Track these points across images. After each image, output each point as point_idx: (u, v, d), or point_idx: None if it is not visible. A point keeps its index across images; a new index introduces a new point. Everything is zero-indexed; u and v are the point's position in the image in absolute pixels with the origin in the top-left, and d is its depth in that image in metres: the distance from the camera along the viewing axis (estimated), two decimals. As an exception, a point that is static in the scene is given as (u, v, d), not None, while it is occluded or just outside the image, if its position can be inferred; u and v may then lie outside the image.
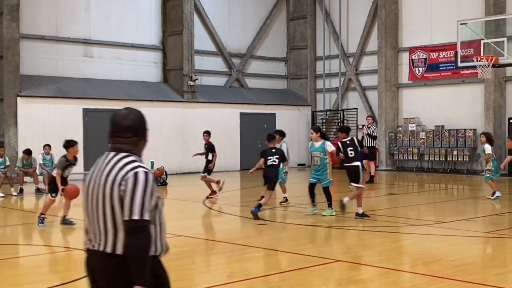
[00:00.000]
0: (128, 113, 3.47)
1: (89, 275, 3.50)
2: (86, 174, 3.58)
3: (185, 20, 23.48)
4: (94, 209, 3.40)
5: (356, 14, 26.31)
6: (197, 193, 17.20)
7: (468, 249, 9.44)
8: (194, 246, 9.71)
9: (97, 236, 3.38)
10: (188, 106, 23.53)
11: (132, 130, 3.45)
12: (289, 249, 9.29)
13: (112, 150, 3.46)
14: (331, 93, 27.52)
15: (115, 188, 3.30)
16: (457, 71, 22.24)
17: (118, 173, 3.33)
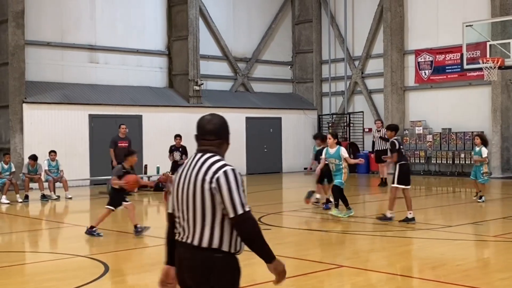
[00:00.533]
0: (211, 118, 3.83)
1: (177, 266, 3.76)
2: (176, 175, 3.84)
3: (190, 25, 23.49)
4: (185, 205, 3.67)
5: (362, 17, 26.25)
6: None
7: (474, 253, 9.36)
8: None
9: (187, 229, 3.66)
10: (193, 111, 23.42)
11: (216, 134, 3.79)
12: (293, 254, 9.22)
13: (199, 151, 3.77)
14: (337, 97, 27.45)
15: (206, 186, 3.59)
16: (464, 73, 22.15)
17: (207, 171, 3.61)
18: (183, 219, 3.69)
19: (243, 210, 3.57)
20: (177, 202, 3.73)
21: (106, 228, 11.93)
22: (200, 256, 3.60)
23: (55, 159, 17.53)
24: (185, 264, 3.67)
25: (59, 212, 15.54)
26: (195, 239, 3.61)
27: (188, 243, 3.63)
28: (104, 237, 11.18)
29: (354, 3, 26.56)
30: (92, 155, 21.01)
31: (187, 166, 3.75)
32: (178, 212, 3.72)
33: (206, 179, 3.59)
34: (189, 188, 3.65)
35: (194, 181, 3.63)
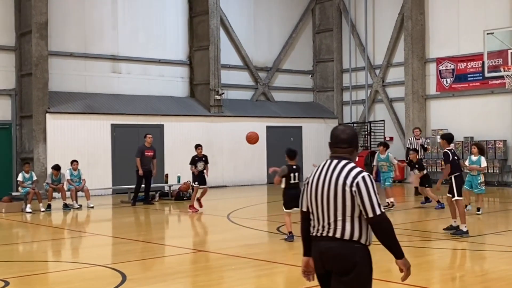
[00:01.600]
0: (345, 128, 4.35)
1: (317, 256, 4.21)
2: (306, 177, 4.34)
3: (211, 35, 23.66)
4: (325, 204, 4.16)
5: (382, 25, 26.20)
6: (222, 207, 17.23)
7: (495, 264, 9.24)
8: (215, 261, 9.65)
9: (327, 225, 4.15)
10: (214, 120, 23.65)
11: (349, 142, 4.28)
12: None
13: (334, 157, 4.27)
14: (358, 105, 27.39)
15: (347, 189, 4.10)
16: (486, 81, 21.98)
17: (347, 176, 4.12)
18: (323, 216, 4.18)
19: (380, 211, 4.09)
20: (315, 201, 4.21)
21: (127, 238, 12.05)
22: (345, 246, 4.10)
23: (77, 169, 17.73)
24: (330, 255, 4.13)
25: (81, 221, 15.70)
26: (337, 232, 4.11)
27: (330, 236, 4.12)
28: (124, 246, 11.28)
29: (374, 12, 26.53)
30: (114, 164, 21.20)
31: (324, 170, 4.23)
32: (317, 210, 4.21)
33: (347, 183, 4.10)
34: (330, 190, 4.14)
35: (335, 184, 4.13)
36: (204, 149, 23.00)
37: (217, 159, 23.55)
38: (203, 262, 9.56)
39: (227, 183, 23.89)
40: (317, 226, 4.22)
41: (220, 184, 23.64)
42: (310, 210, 4.26)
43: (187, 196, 19.00)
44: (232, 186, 23.82)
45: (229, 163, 23.94)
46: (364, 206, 4.09)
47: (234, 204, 17.59)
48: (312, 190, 4.24)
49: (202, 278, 8.53)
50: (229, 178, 23.95)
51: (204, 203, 18.61)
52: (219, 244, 11.18)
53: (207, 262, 9.59)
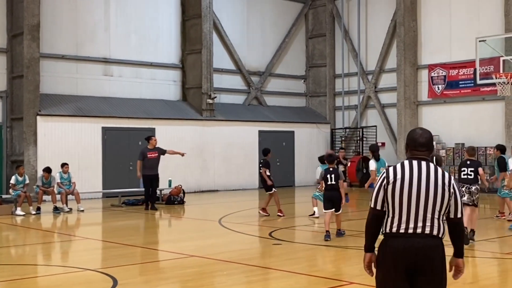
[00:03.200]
0: (422, 132, 4.56)
1: (400, 253, 4.33)
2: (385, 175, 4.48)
3: (204, 38, 23.62)
4: (421, 202, 4.33)
5: (375, 31, 26.26)
6: (214, 212, 17.15)
7: (486, 271, 9.25)
8: (205, 267, 9.56)
9: (421, 222, 4.33)
10: (207, 124, 23.59)
11: (426, 145, 4.51)
12: (304, 270, 9.14)
13: (419, 159, 4.46)
14: (350, 111, 27.42)
15: (446, 189, 4.35)
16: (477, 88, 22.05)
17: (444, 178, 4.38)
18: (416, 214, 4.34)
19: (462, 214, 4.46)
20: (409, 200, 4.35)
21: (118, 242, 11.96)
22: (435, 242, 4.34)
23: (67, 172, 17.63)
24: (419, 251, 4.30)
25: (71, 224, 15.60)
26: (426, 229, 4.32)
27: (419, 233, 4.32)
28: (115, 250, 11.19)
29: (367, 18, 26.60)
30: (105, 167, 21.10)
31: (415, 170, 4.39)
32: (409, 208, 4.35)
33: (445, 183, 4.37)
34: (429, 189, 4.33)
35: (436, 184, 4.35)
36: (196, 153, 23.13)
37: (209, 163, 23.50)
38: (194, 267, 9.47)
39: (219, 188, 23.83)
40: (404, 224, 4.36)
41: (212, 189, 23.58)
42: (395, 208, 4.38)
43: (178, 200, 18.92)
44: (224, 190, 23.76)
45: (221, 167, 23.88)
46: (456, 206, 4.40)
47: (226, 209, 17.52)
48: (404, 188, 4.36)
49: (193, 283, 8.46)
50: (220, 182, 23.89)
51: (195, 208, 18.62)
52: (210, 249, 11.10)
53: (198, 267, 9.51)
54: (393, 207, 4.41)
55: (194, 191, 22.61)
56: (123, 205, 18.56)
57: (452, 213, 4.43)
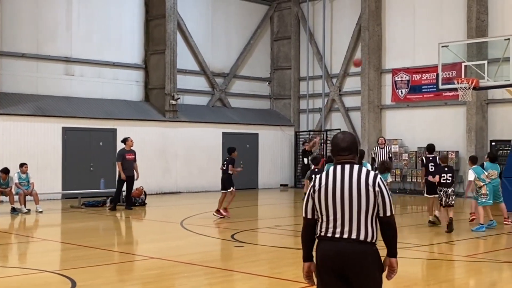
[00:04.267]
0: (344, 137, 4.54)
1: (331, 257, 4.31)
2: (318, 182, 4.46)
3: (168, 39, 23.37)
4: (346, 206, 4.31)
5: (340, 35, 26.36)
6: (176, 214, 16.96)
7: (445, 273, 9.31)
8: (166, 269, 9.43)
9: (347, 226, 4.31)
10: (169, 126, 23.32)
11: (349, 149, 4.47)
12: (266, 272, 9.08)
13: (343, 163, 4.44)
14: (315, 114, 27.47)
15: (370, 189, 4.32)
16: (440, 93, 22.26)
17: (368, 177, 4.35)
18: (343, 218, 4.32)
19: (392, 212, 4.39)
20: (334, 205, 4.33)
21: (77, 243, 11.71)
22: (364, 248, 4.29)
23: (26, 172, 17.22)
24: (348, 256, 4.28)
25: (29, 226, 15.22)
26: (353, 233, 4.29)
27: (345, 238, 4.28)
28: (74, 252, 10.97)
29: (332, 21, 26.70)
30: (65, 168, 20.70)
31: (338, 174, 4.39)
32: (336, 213, 4.33)
33: (369, 183, 4.32)
34: (353, 191, 4.31)
35: (359, 185, 4.32)
36: (158, 155, 22.88)
37: (171, 164, 23.25)
38: (155, 269, 9.35)
39: (181, 190, 23.58)
40: (333, 229, 4.34)
41: (174, 190, 23.33)
42: (323, 214, 4.37)
43: (139, 202, 18.65)
44: (186, 192, 23.52)
45: (184, 169, 23.64)
46: (384, 204, 4.34)
47: (188, 211, 17.36)
48: (328, 195, 4.36)
49: (153, 285, 8.33)
50: (183, 184, 23.64)
51: (157, 210, 18.37)
52: (171, 251, 10.97)
53: (159, 269, 9.38)
54: (321, 213, 4.41)
55: (156, 193, 22.33)
56: (83, 206, 18.23)
57: (381, 212, 4.37)
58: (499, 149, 21.45)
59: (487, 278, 8.95)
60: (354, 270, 4.29)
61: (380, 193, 4.35)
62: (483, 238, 12.51)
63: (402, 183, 24.03)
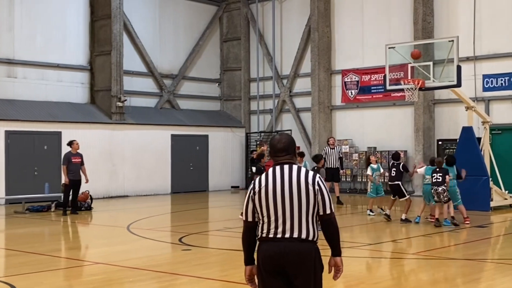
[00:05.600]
0: (280, 138, 4.57)
1: (273, 256, 4.30)
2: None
3: (113, 40, 22.90)
4: (287, 206, 4.32)
5: (290, 36, 26.35)
6: (123, 218, 16.59)
7: (391, 271, 9.33)
8: (111, 274, 9.21)
9: (289, 226, 4.31)
10: (116, 128, 22.84)
11: (285, 150, 4.49)
12: (213, 275, 8.94)
13: (282, 164, 4.44)
14: (265, 115, 27.38)
15: (310, 187, 4.33)
16: (388, 93, 22.45)
17: (307, 177, 4.36)
18: (284, 218, 4.32)
19: (332, 210, 4.41)
20: (275, 206, 4.33)
21: (20, 250, 11.32)
22: (306, 247, 4.30)
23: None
24: (293, 256, 4.28)
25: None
26: (294, 233, 4.30)
27: (287, 237, 4.29)
28: (17, 258, 10.64)
29: (282, 22, 26.67)
30: (8, 172, 20.05)
31: (277, 175, 4.38)
32: (277, 214, 4.33)
33: (309, 182, 4.34)
34: (293, 191, 4.32)
35: (298, 184, 4.33)
36: (105, 158, 22.38)
37: (119, 168, 22.77)
38: (100, 275, 9.13)
39: (129, 193, 23.10)
40: (275, 229, 4.34)
41: (122, 194, 22.85)
42: (264, 215, 4.37)
43: (85, 206, 18.19)
44: (134, 196, 23.08)
45: (131, 172, 23.19)
46: (324, 203, 4.35)
47: (136, 215, 17.02)
48: (269, 196, 4.35)
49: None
50: (131, 187, 23.18)
51: (103, 215, 17.94)
52: (117, 256, 10.75)
53: (103, 274, 9.16)
54: (262, 214, 4.41)
55: (103, 197, 21.86)
56: (27, 211, 17.71)
57: (321, 210, 4.39)
58: (446, 148, 21.78)
59: (432, 275, 8.99)
60: (296, 269, 4.28)
61: (319, 192, 4.37)
62: (429, 236, 12.61)
63: (352, 183, 24.15)
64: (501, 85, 21.12)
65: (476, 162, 16.98)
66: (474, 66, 21.39)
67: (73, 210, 17.33)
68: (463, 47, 21.10)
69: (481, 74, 21.38)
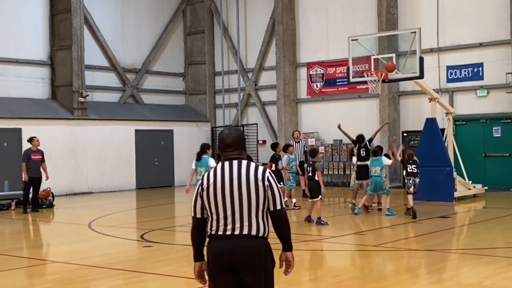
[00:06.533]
0: (229, 132, 4.48)
1: (223, 254, 4.25)
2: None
3: (74, 34, 22.46)
4: (236, 202, 4.25)
5: (254, 29, 26.17)
6: (86, 215, 16.28)
7: (353, 263, 9.31)
8: (70, 272, 9.00)
9: (238, 223, 4.26)
10: (78, 124, 22.43)
11: (235, 145, 4.42)
12: (172, 272, 8.76)
13: (231, 159, 4.38)
14: (231, 109, 27.19)
15: (260, 183, 4.27)
16: (354, 86, 22.43)
17: (257, 172, 4.30)
18: (233, 215, 4.26)
19: (283, 205, 4.35)
20: (223, 202, 4.27)
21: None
22: (256, 244, 4.24)
23: None
24: (243, 252, 4.22)
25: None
26: (244, 229, 4.24)
27: (237, 234, 4.23)
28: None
29: (246, 15, 26.47)
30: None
31: (226, 171, 4.32)
32: (226, 210, 4.27)
33: (259, 178, 4.28)
34: (242, 187, 4.25)
35: (248, 180, 4.26)
36: (67, 154, 21.96)
37: (81, 164, 22.38)
38: (58, 274, 8.96)
39: (93, 190, 22.73)
40: (224, 226, 4.29)
41: (85, 191, 22.47)
42: (213, 212, 4.31)
43: (46, 204, 17.82)
44: (98, 192, 22.71)
45: (95, 168, 22.81)
46: (274, 198, 4.29)
47: (99, 212, 16.74)
48: (217, 192, 4.29)
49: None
50: (94, 184, 22.80)
51: (65, 212, 17.60)
52: (76, 254, 10.51)
53: (61, 273, 9.00)
54: (211, 211, 4.36)
55: (65, 194, 21.48)
56: (-14, 210, 17.25)
57: (271, 206, 4.33)
58: (411, 140, 21.85)
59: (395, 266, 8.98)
60: (246, 265, 4.25)
61: (269, 187, 4.30)
62: (392, 228, 12.60)
63: (318, 176, 24.08)
64: (465, 76, 21.28)
65: (440, 153, 17.08)
66: (438, 58, 21.51)
67: (34, 208, 17.00)
68: (427, 39, 21.26)
69: (445, 66, 21.52)
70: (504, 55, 20.19)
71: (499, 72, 20.30)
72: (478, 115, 21.03)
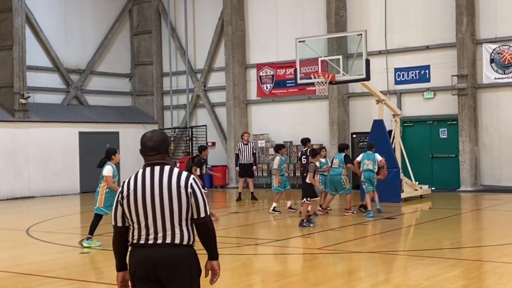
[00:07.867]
0: (152, 135, 4.28)
1: (145, 264, 4.09)
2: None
3: (15, 34, 21.75)
4: (158, 210, 4.08)
5: (203, 29, 25.85)
6: (25, 220, 15.70)
7: (295, 267, 9.17)
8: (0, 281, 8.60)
9: (161, 232, 4.09)
10: (19, 126, 21.72)
11: (155, 150, 4.23)
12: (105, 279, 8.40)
13: (152, 164, 4.19)
14: (179, 110, 26.79)
15: (182, 190, 4.09)
16: (303, 87, 22.38)
17: (179, 178, 4.12)
18: (155, 223, 4.09)
19: (208, 213, 4.18)
20: (144, 210, 4.10)
21: None
22: (180, 252, 4.09)
23: None
24: (166, 262, 4.07)
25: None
26: (167, 238, 4.08)
27: (159, 243, 4.08)
28: None
29: (195, 15, 26.13)
30: None
31: (147, 177, 4.13)
32: (147, 218, 4.10)
33: (181, 185, 4.10)
34: (163, 195, 4.07)
35: (169, 187, 4.08)
36: (9, 157, 21.23)
37: (23, 168, 21.67)
38: None
39: (35, 194, 22.02)
40: (146, 235, 4.13)
41: (27, 195, 21.75)
42: (134, 221, 4.14)
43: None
44: (41, 196, 22.02)
45: (37, 172, 22.11)
46: (198, 205, 4.13)
47: (39, 217, 16.22)
48: (138, 200, 4.12)
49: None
50: (37, 188, 22.08)
51: (3, 217, 16.96)
52: (9, 261, 10.12)
53: None
54: (132, 219, 4.18)
55: (6, 199, 20.80)
56: None
57: (195, 213, 4.16)
58: (360, 141, 21.90)
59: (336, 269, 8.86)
60: (169, 275, 4.10)
61: (192, 194, 4.14)
62: (339, 230, 12.48)
63: (269, 178, 23.90)
64: (412, 78, 21.46)
65: (387, 154, 17.02)
66: (386, 60, 21.63)
67: None
68: (375, 41, 21.37)
69: (393, 68, 21.66)
70: (450, 57, 20.42)
71: (445, 75, 20.53)
72: (425, 116, 21.24)
